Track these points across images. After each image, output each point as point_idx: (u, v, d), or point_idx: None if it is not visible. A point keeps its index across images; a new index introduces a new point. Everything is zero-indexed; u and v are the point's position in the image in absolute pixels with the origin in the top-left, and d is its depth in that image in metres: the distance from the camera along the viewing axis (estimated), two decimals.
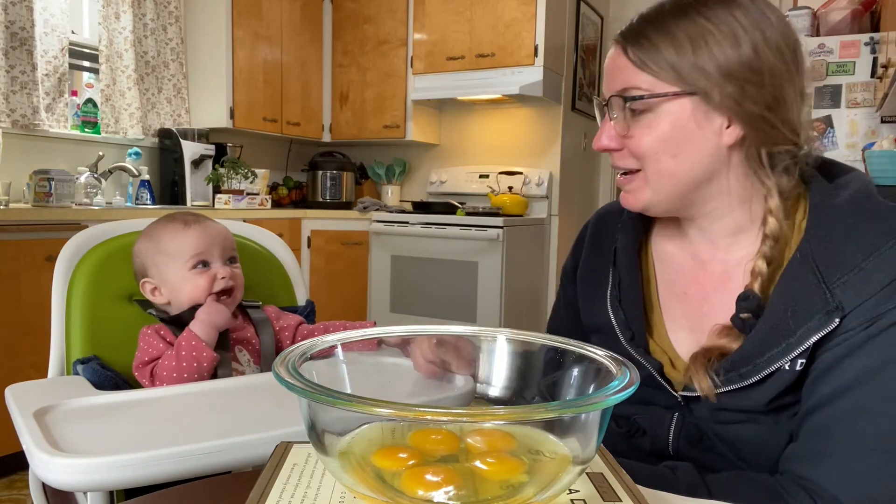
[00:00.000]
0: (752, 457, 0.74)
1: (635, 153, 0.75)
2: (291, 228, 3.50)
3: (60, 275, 1.08)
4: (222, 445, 0.66)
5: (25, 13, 2.79)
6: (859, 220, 0.70)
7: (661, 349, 0.81)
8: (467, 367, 0.74)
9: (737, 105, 0.70)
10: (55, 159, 3.04)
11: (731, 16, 0.71)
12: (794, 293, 0.69)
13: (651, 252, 0.87)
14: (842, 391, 0.66)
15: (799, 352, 0.68)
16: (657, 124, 0.73)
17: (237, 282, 1.08)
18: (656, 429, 0.80)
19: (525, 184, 3.81)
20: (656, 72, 0.72)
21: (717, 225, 0.78)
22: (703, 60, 0.70)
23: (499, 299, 3.35)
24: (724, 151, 0.73)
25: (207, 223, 1.09)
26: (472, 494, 0.41)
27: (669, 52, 0.71)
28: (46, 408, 0.75)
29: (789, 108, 0.72)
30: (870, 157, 2.29)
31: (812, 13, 2.93)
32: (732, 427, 0.74)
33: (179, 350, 0.95)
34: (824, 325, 0.67)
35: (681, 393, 0.77)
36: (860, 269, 0.66)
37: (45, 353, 1.05)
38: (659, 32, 0.72)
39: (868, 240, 0.68)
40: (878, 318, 0.65)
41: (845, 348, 0.66)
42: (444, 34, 3.72)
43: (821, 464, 0.66)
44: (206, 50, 3.56)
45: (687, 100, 0.72)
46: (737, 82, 0.70)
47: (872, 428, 0.65)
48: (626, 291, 0.83)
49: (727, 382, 0.72)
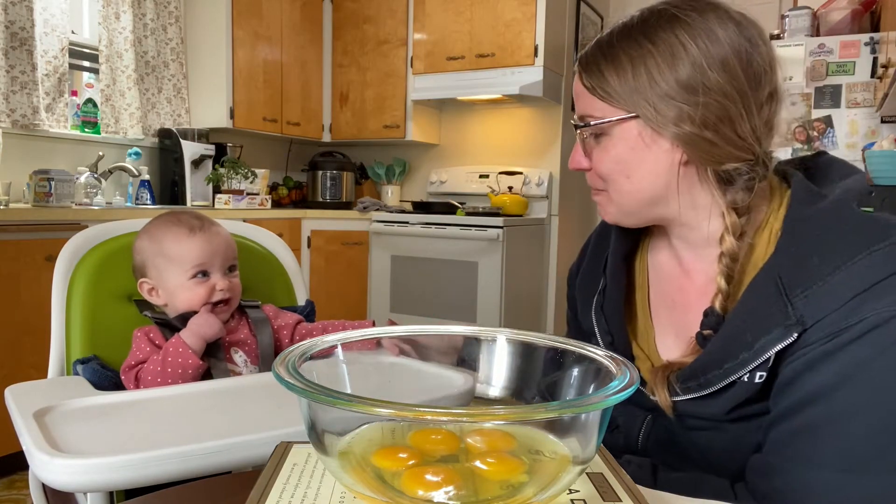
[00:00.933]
0: (719, 462, 0.74)
1: (598, 174, 0.78)
2: (291, 228, 3.50)
3: (60, 275, 1.08)
4: (222, 445, 0.66)
5: (25, 13, 2.79)
6: (828, 231, 0.68)
7: (645, 354, 0.82)
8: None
9: (676, 127, 0.70)
10: (55, 159, 3.04)
11: (672, 35, 0.70)
12: (754, 306, 0.69)
13: (646, 258, 0.87)
14: (800, 406, 0.65)
15: (756, 364, 0.67)
16: (612, 147, 0.75)
17: (235, 292, 1.08)
18: (629, 427, 0.81)
19: (525, 184, 3.81)
20: (604, 97, 0.73)
21: (693, 234, 0.78)
22: (642, 84, 0.71)
23: (499, 299, 3.35)
24: (677, 169, 0.73)
25: (211, 229, 1.08)
26: (472, 494, 0.41)
27: (613, 78, 0.72)
28: (46, 408, 0.75)
29: (735, 125, 0.70)
30: (870, 157, 2.29)
31: (812, 13, 2.93)
32: (698, 433, 0.75)
33: (166, 356, 0.95)
34: (782, 338, 0.65)
35: (651, 395, 0.78)
36: (824, 283, 0.64)
37: (45, 353, 1.05)
38: (606, 58, 0.73)
39: (834, 253, 0.65)
40: (839, 334, 0.63)
41: (805, 363, 0.65)
42: (444, 34, 3.72)
43: (775, 477, 0.66)
44: (206, 50, 3.56)
45: (633, 123, 0.72)
46: (675, 104, 0.70)
47: (827, 446, 0.63)
48: (609, 297, 0.84)
49: (686, 391, 0.73)
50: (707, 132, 0.70)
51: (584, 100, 0.76)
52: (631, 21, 0.74)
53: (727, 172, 0.72)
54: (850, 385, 0.63)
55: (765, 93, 0.72)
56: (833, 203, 0.70)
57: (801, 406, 0.65)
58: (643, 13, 0.74)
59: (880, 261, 0.63)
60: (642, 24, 0.72)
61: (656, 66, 0.70)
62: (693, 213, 0.76)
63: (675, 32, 0.70)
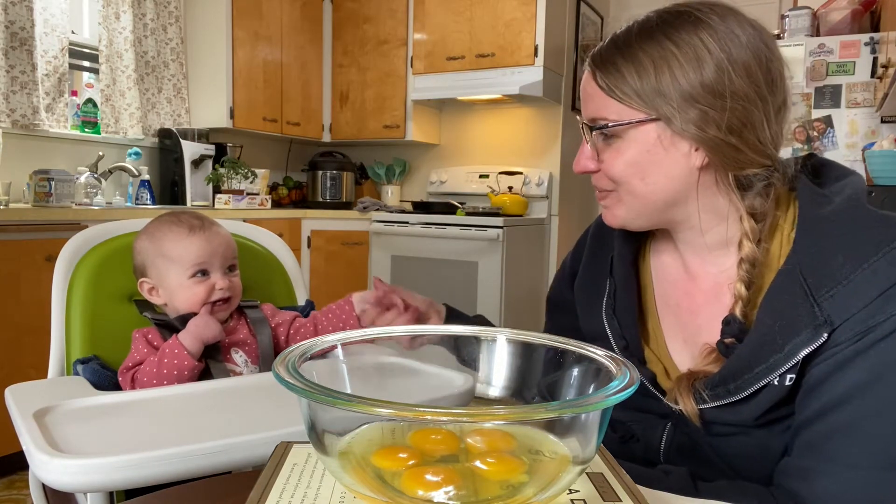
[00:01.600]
0: (745, 468, 0.73)
1: (608, 176, 0.76)
2: (291, 228, 3.50)
3: (60, 275, 1.08)
4: (222, 445, 0.66)
5: (25, 13, 2.79)
6: (847, 230, 0.67)
7: (657, 358, 0.81)
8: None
9: (699, 131, 0.69)
10: (55, 159, 3.03)
11: (696, 37, 0.69)
12: (781, 308, 0.68)
13: (649, 261, 0.86)
14: (832, 407, 0.65)
15: (787, 367, 0.66)
16: (626, 150, 0.73)
17: (234, 291, 1.08)
18: (649, 437, 0.80)
19: (525, 184, 3.81)
20: (622, 98, 0.71)
21: (702, 239, 0.77)
22: (665, 85, 0.69)
23: (499, 299, 3.35)
24: (695, 173, 0.72)
25: (211, 229, 1.08)
26: (472, 494, 0.41)
27: (633, 78, 0.70)
28: (46, 408, 0.75)
29: (757, 131, 0.70)
30: (870, 157, 2.29)
31: (812, 13, 2.93)
32: (724, 439, 0.74)
33: (162, 356, 0.95)
34: (812, 339, 0.65)
35: (674, 404, 0.77)
36: (849, 282, 0.64)
37: (45, 353, 1.05)
38: (625, 57, 0.71)
39: (856, 251, 0.65)
40: (868, 332, 0.63)
41: (835, 363, 0.65)
42: (444, 34, 3.72)
43: (812, 480, 0.65)
44: (206, 50, 3.56)
45: (652, 126, 0.71)
46: (699, 107, 0.69)
47: (863, 445, 0.63)
48: (620, 300, 0.83)
49: (714, 398, 0.72)
50: (732, 137, 0.69)
51: (598, 100, 0.74)
52: (649, 21, 0.72)
53: (746, 177, 0.72)
54: (882, 383, 0.63)
55: (780, 99, 0.72)
56: (847, 202, 0.70)
57: (834, 407, 0.65)
58: (661, 14, 0.72)
59: None
60: (663, 24, 0.71)
61: (680, 67, 0.69)
62: (704, 216, 0.75)
63: (698, 34, 0.69)
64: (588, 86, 0.76)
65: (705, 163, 0.71)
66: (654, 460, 0.79)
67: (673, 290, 0.83)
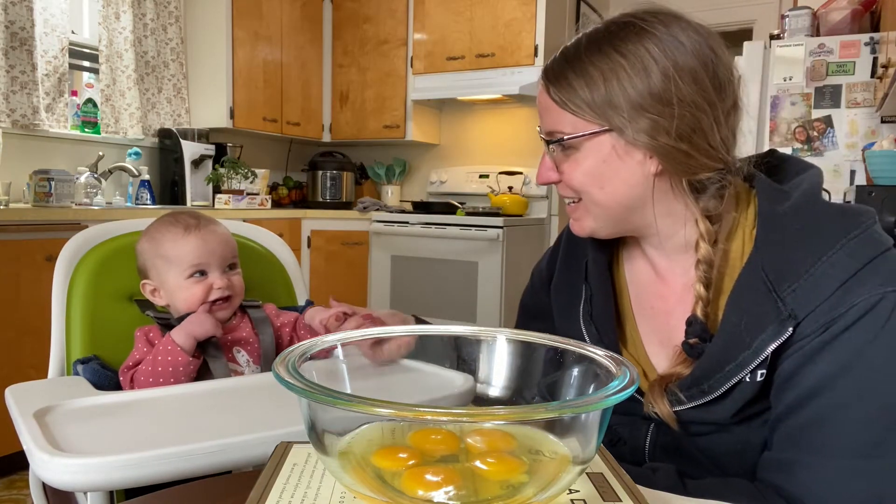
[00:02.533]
0: (729, 464, 0.74)
1: (569, 186, 0.77)
2: (291, 228, 3.50)
3: (60, 275, 1.08)
4: (222, 445, 0.66)
5: (25, 13, 2.79)
6: (805, 225, 0.69)
7: (635, 361, 0.82)
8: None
9: (651, 139, 0.70)
10: (55, 159, 3.03)
11: (642, 47, 0.70)
12: (746, 305, 0.69)
13: (623, 265, 0.87)
14: (804, 399, 0.66)
15: (756, 363, 0.68)
16: (583, 160, 0.74)
17: (235, 289, 1.07)
18: (634, 439, 0.81)
19: (525, 184, 3.81)
20: (575, 111, 0.73)
21: (668, 243, 0.79)
22: (615, 96, 0.70)
23: (499, 299, 3.35)
24: (650, 180, 0.73)
25: (209, 228, 1.08)
26: (472, 494, 0.41)
27: (584, 91, 0.72)
28: (46, 408, 0.75)
29: (707, 136, 0.71)
30: (870, 157, 2.29)
31: (812, 13, 2.93)
32: (705, 438, 0.75)
33: (156, 354, 0.95)
34: (778, 334, 0.66)
35: (650, 408, 0.77)
36: (809, 276, 0.66)
37: (45, 353, 1.05)
38: (575, 71, 0.73)
39: (815, 245, 0.67)
40: (832, 324, 0.64)
41: (803, 356, 0.66)
42: (443, 34, 3.72)
43: (792, 473, 0.66)
44: (206, 50, 3.56)
45: (606, 136, 0.72)
46: (648, 116, 0.70)
47: (838, 434, 0.64)
48: (597, 306, 0.84)
49: (690, 399, 0.73)
50: (682, 143, 0.70)
51: (553, 114, 0.75)
52: (597, 33, 0.73)
53: (700, 181, 0.73)
54: (851, 372, 0.64)
55: (729, 102, 0.73)
56: (804, 196, 0.71)
57: (806, 399, 0.66)
58: (608, 25, 0.74)
59: (858, 247, 0.66)
60: (609, 35, 0.72)
61: (628, 78, 0.70)
62: (667, 221, 0.76)
63: (643, 44, 0.70)
64: (543, 99, 0.77)
65: (660, 170, 0.72)
66: (640, 462, 0.80)
67: (647, 294, 0.83)
